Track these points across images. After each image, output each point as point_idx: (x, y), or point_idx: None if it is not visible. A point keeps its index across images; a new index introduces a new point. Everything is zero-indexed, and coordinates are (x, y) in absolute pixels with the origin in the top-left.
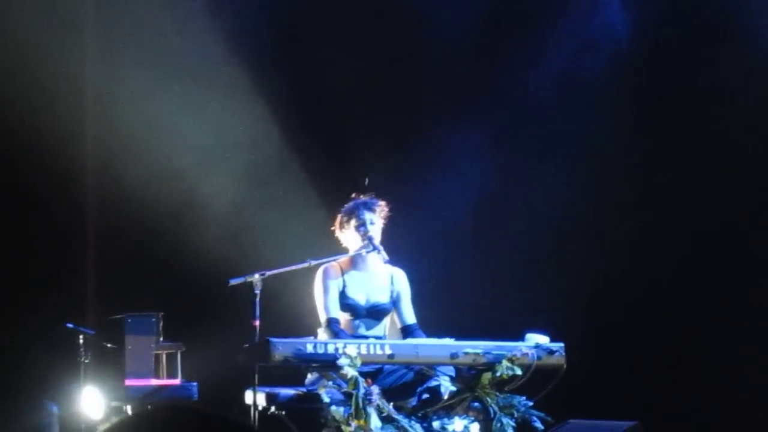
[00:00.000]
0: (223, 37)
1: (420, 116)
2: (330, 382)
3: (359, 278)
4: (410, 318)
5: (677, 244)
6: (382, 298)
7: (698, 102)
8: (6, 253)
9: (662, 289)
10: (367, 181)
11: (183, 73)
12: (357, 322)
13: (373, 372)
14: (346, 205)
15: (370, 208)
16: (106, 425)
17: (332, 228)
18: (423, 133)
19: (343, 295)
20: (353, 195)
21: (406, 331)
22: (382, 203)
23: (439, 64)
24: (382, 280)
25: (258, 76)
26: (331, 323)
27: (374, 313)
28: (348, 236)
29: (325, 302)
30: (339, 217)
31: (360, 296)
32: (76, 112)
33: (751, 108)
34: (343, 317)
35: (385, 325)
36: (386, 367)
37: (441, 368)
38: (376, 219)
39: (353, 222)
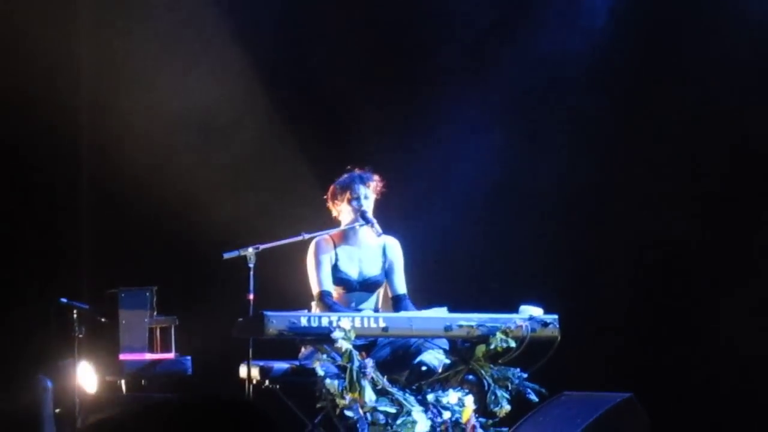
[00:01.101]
0: (217, 8)
1: (417, 89)
2: (324, 356)
3: (351, 252)
4: (401, 288)
5: (671, 217)
6: (375, 270)
7: (688, 72)
8: None
9: (656, 262)
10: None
11: (178, 46)
12: (349, 295)
13: (367, 345)
14: (340, 177)
15: (365, 182)
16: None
17: (324, 197)
18: (420, 105)
19: (335, 268)
20: (349, 167)
21: (396, 301)
22: (377, 177)
23: (438, 35)
24: (374, 252)
25: (253, 49)
26: (324, 296)
27: (367, 286)
28: (340, 208)
29: (317, 275)
30: (332, 188)
31: (352, 270)
32: (70, 85)
33: (740, 77)
34: (336, 291)
35: (378, 298)
36: (380, 340)
37: (435, 341)
38: (370, 193)
39: (347, 195)
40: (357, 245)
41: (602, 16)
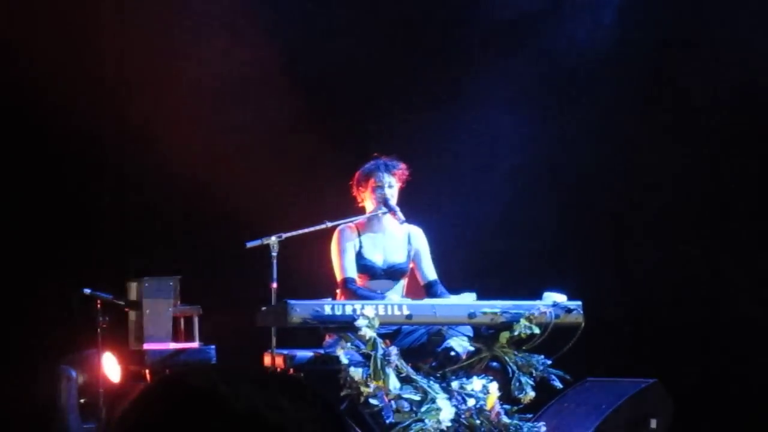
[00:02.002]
0: None
1: (439, 75)
2: (348, 344)
3: (375, 239)
4: (431, 274)
5: (697, 203)
6: (399, 257)
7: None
8: (22, 219)
9: (682, 248)
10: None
11: (204, 34)
12: (374, 283)
13: (391, 333)
14: (366, 164)
15: (390, 170)
16: (125, 409)
17: (350, 183)
18: (443, 91)
19: (359, 256)
20: (375, 154)
21: (429, 288)
22: (403, 166)
23: (468, 18)
24: (399, 239)
25: (279, 32)
26: (348, 282)
27: (391, 273)
28: (364, 196)
29: (341, 263)
30: (357, 174)
31: (377, 257)
32: (95, 75)
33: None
34: (361, 278)
35: (403, 286)
36: (404, 327)
37: (459, 328)
38: (395, 182)
39: (371, 183)
40: (381, 232)
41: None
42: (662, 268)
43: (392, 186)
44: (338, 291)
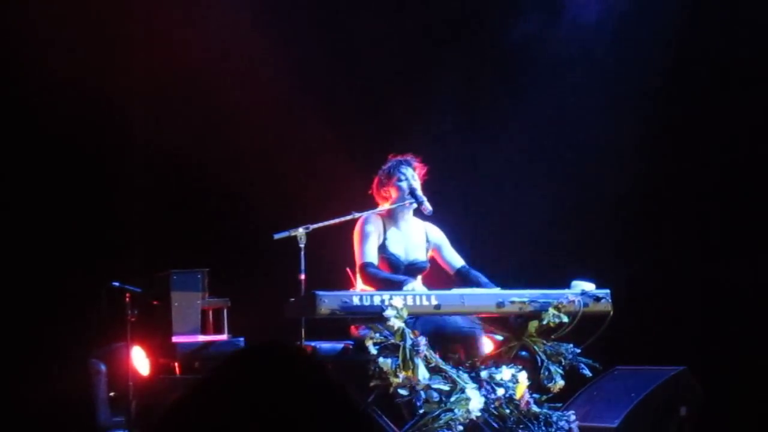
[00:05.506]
0: None
1: (459, 72)
2: (377, 334)
3: (398, 235)
4: (458, 261)
5: (725, 190)
6: (420, 255)
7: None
8: (52, 213)
9: (709, 235)
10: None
11: (229, 35)
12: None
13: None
14: (384, 166)
15: (410, 164)
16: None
17: (369, 192)
18: (466, 87)
19: (384, 248)
20: (390, 156)
21: (461, 274)
22: (420, 162)
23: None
24: (418, 237)
25: (303, 32)
26: (367, 266)
27: (412, 270)
28: (388, 193)
29: (362, 247)
30: (377, 178)
31: (400, 251)
32: (121, 70)
33: None
34: (384, 270)
35: (420, 280)
36: (437, 323)
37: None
38: (416, 175)
39: (394, 180)
40: (403, 229)
41: None
42: (690, 257)
43: (415, 178)
44: (358, 277)
